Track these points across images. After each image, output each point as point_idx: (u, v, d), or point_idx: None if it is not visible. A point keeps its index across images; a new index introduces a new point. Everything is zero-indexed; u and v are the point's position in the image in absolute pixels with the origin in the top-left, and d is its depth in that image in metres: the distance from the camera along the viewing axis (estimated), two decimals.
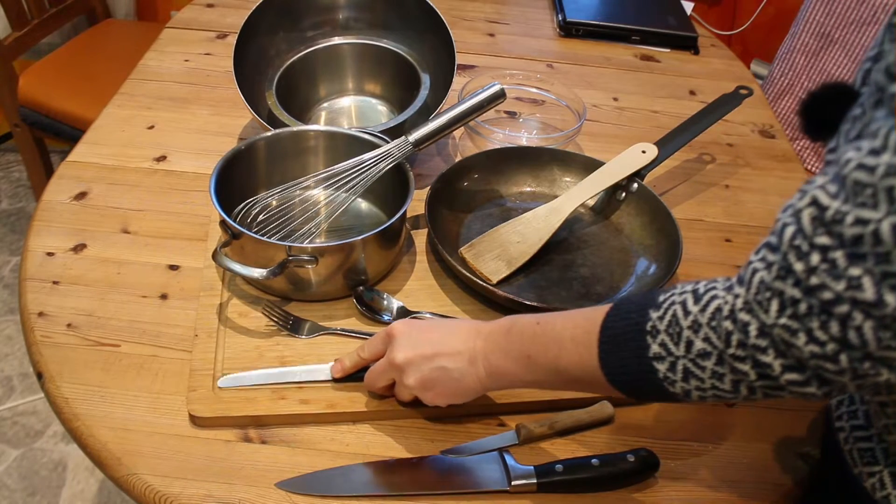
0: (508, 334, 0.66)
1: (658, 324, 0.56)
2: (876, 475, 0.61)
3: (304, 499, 0.68)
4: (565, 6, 1.53)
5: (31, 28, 1.84)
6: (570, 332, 0.62)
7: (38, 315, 0.82)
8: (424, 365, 0.68)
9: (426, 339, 0.69)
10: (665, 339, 0.55)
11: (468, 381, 0.67)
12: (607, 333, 0.59)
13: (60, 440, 1.66)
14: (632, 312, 0.58)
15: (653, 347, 0.56)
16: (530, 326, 0.65)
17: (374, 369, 0.73)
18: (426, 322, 0.72)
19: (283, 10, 1.08)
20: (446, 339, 0.69)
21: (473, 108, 0.92)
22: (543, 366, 0.63)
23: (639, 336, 0.57)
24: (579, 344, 0.60)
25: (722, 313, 0.52)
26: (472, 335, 0.68)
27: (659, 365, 0.56)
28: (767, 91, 1.71)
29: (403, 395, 0.72)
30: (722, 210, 1.09)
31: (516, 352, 0.65)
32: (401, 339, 0.70)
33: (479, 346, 0.67)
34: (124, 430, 0.72)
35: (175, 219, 0.96)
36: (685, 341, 0.54)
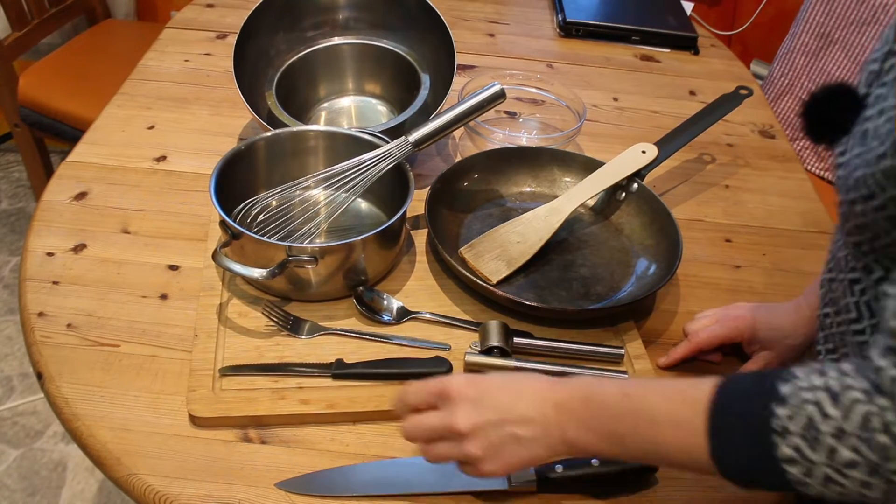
0: (588, 404, 0.59)
1: (788, 424, 0.50)
2: None
3: (304, 499, 0.68)
4: (565, 6, 1.53)
5: (31, 28, 1.84)
6: (667, 411, 0.56)
7: (38, 315, 0.82)
8: (492, 432, 0.61)
9: (492, 404, 0.61)
10: (800, 443, 0.50)
11: (539, 451, 0.61)
12: (719, 423, 0.53)
13: (60, 440, 1.66)
14: (748, 402, 0.52)
15: (783, 449, 0.50)
16: (616, 400, 0.58)
17: (424, 426, 0.64)
18: (487, 381, 0.63)
19: (283, 10, 1.08)
20: (514, 403, 0.61)
21: (473, 108, 0.92)
22: (638, 446, 0.58)
23: (763, 434, 0.51)
24: (681, 428, 0.55)
25: (872, 424, 0.48)
26: (543, 401, 0.61)
27: (791, 468, 0.50)
28: (767, 91, 1.71)
29: (466, 469, 0.63)
30: (722, 210, 1.09)
31: (602, 428, 0.59)
32: (462, 401, 0.62)
33: (552, 416, 0.60)
34: (124, 430, 0.72)
35: (175, 219, 0.96)
36: (827, 448, 0.49)
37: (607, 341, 0.85)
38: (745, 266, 1.00)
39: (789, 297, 0.84)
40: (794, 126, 1.68)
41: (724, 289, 0.96)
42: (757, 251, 1.03)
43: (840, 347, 0.62)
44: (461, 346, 0.82)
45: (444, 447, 0.63)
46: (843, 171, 0.51)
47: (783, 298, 0.85)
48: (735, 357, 0.86)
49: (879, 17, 1.49)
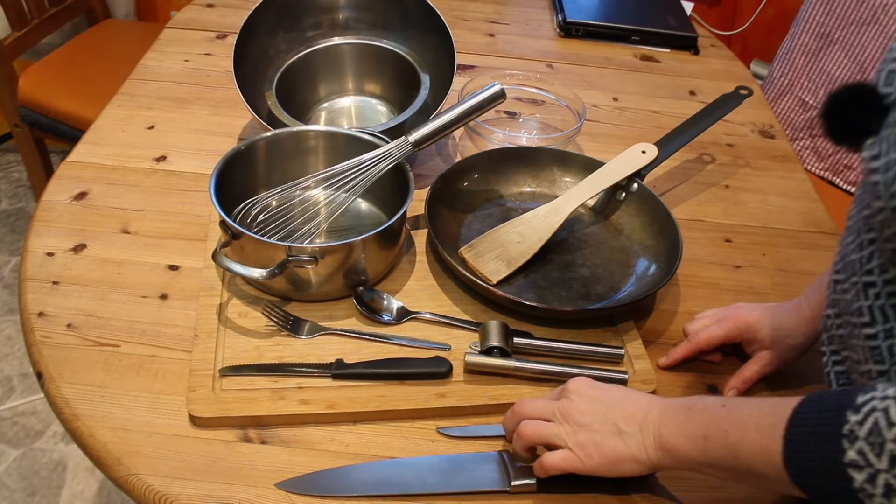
0: (689, 411, 0.63)
1: (857, 429, 0.50)
2: None
3: (304, 499, 0.68)
4: (565, 6, 1.53)
5: (31, 28, 1.84)
6: (757, 419, 0.57)
7: (38, 315, 0.82)
8: (597, 422, 0.65)
9: (603, 398, 0.67)
10: (864, 447, 0.50)
11: (633, 448, 0.64)
12: (796, 428, 0.54)
13: (60, 440, 1.66)
14: (826, 410, 0.53)
15: (849, 453, 0.50)
16: (714, 407, 0.61)
17: (539, 405, 0.69)
18: (604, 384, 0.69)
19: (283, 10, 1.08)
20: (623, 402, 0.66)
21: (473, 108, 0.92)
22: (720, 450, 0.59)
23: (833, 438, 0.51)
24: (764, 434, 0.56)
25: None
26: (650, 404, 0.65)
27: (855, 474, 0.50)
28: (767, 91, 1.71)
29: (553, 459, 0.66)
30: (722, 210, 1.09)
31: (693, 430, 0.61)
32: (576, 392, 0.67)
33: (654, 417, 0.64)
34: (124, 430, 0.72)
35: (175, 219, 0.96)
36: (889, 455, 0.49)
37: (607, 341, 0.85)
38: (745, 266, 1.00)
39: (789, 297, 0.84)
40: (795, 126, 1.68)
41: (724, 289, 0.96)
42: (757, 251, 1.03)
43: (843, 350, 0.62)
44: (461, 346, 0.82)
45: (547, 426, 0.67)
46: (882, 177, 0.50)
47: (783, 298, 0.85)
48: (735, 357, 0.86)
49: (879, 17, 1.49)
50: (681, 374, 0.84)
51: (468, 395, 0.77)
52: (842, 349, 0.62)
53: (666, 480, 0.73)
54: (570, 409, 0.67)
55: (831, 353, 0.64)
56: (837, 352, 0.63)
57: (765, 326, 0.81)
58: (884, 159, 0.49)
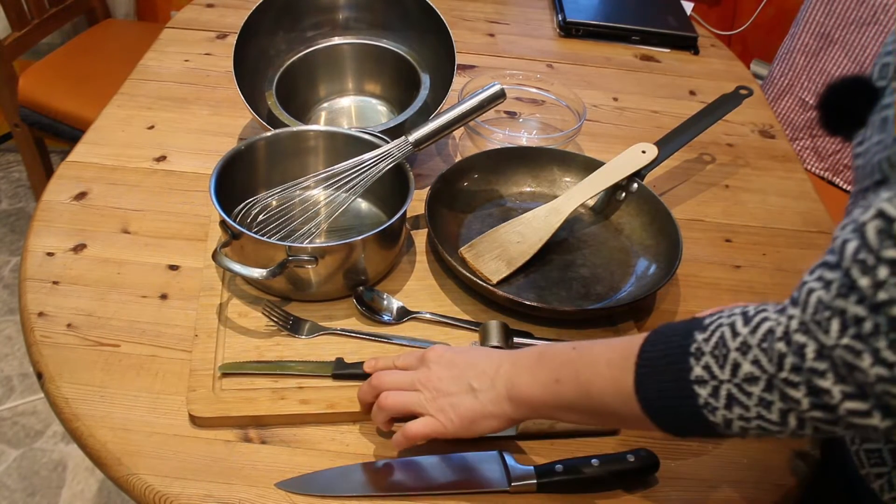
0: (540, 359, 0.63)
1: (703, 346, 0.52)
2: (884, 476, 0.61)
3: (304, 499, 0.68)
4: (565, 6, 1.53)
5: (31, 28, 1.84)
6: (607, 355, 0.58)
7: (38, 315, 0.82)
8: (451, 383, 0.66)
9: (460, 361, 0.67)
10: (709, 361, 0.51)
11: (487, 404, 0.64)
12: (646, 356, 0.55)
13: (60, 440, 1.66)
14: (675, 335, 0.54)
15: (695, 370, 0.52)
16: (564, 352, 0.62)
17: (396, 375, 0.69)
18: (464, 348, 0.70)
19: (283, 10, 1.08)
20: (477, 361, 0.67)
21: (473, 108, 0.92)
22: (572, 392, 0.60)
23: (681, 358, 0.52)
24: (614, 367, 0.57)
25: (774, 335, 0.49)
26: (502, 357, 0.66)
27: (700, 389, 0.51)
28: (767, 91, 1.71)
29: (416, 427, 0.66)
30: (722, 210, 1.09)
31: (544, 376, 0.61)
32: (435, 360, 0.68)
33: (505, 370, 0.64)
34: (124, 430, 0.72)
35: (175, 219, 0.96)
36: (731, 364, 0.50)
37: None
38: (745, 266, 1.00)
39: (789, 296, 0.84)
40: (795, 126, 1.68)
41: (724, 289, 0.96)
42: (757, 251, 1.03)
43: None
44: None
45: (408, 395, 0.67)
46: (862, 160, 0.51)
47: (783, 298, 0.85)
48: None
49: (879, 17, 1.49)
50: None
51: None
52: None
53: (666, 480, 0.73)
54: (430, 376, 0.67)
55: None
56: None
57: None
58: (866, 144, 0.50)
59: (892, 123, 0.47)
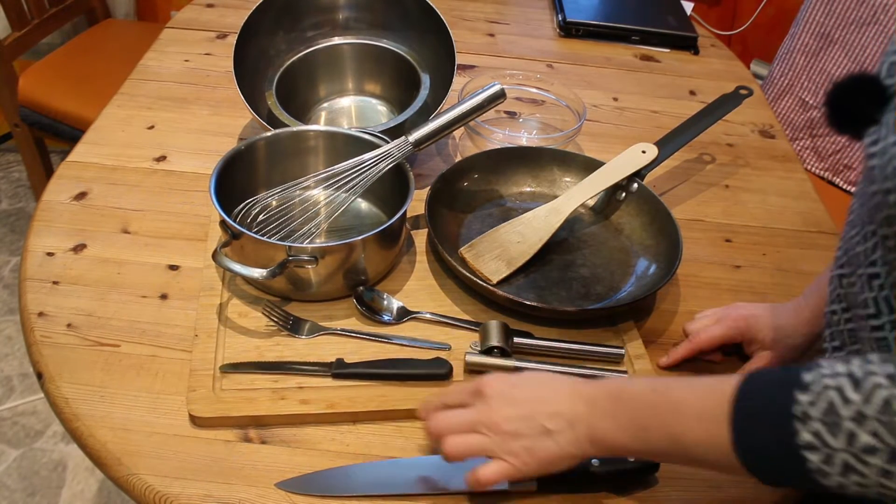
0: (618, 401, 0.61)
1: (809, 409, 0.49)
2: None
3: (304, 499, 0.68)
4: (565, 6, 1.53)
5: (31, 28, 1.84)
6: (693, 404, 0.56)
7: (38, 315, 0.82)
8: (523, 425, 0.62)
9: (524, 398, 0.64)
10: (819, 427, 0.49)
11: (566, 446, 0.62)
12: (742, 412, 0.53)
13: (60, 440, 1.66)
14: (771, 390, 0.52)
15: (803, 435, 0.49)
16: (644, 394, 0.60)
17: (455, 418, 0.65)
18: (520, 379, 0.66)
19: (283, 10, 1.08)
20: (546, 398, 0.63)
21: (473, 108, 0.92)
22: (663, 442, 0.58)
23: (784, 420, 0.50)
24: (706, 420, 0.54)
25: (892, 408, 0.47)
26: (573, 396, 0.63)
27: (811, 455, 0.49)
28: (767, 91, 1.71)
29: (489, 472, 0.63)
30: (722, 210, 1.09)
31: (627, 421, 0.59)
32: (496, 396, 0.64)
33: (582, 411, 0.62)
34: (124, 430, 0.72)
35: (175, 219, 0.96)
36: (846, 433, 0.48)
37: (607, 341, 0.85)
38: (745, 266, 1.00)
39: (789, 297, 0.84)
40: (795, 126, 1.68)
41: (724, 289, 0.96)
42: (757, 251, 1.03)
43: (848, 345, 0.62)
44: (461, 346, 0.82)
45: (474, 439, 0.64)
46: (879, 161, 0.50)
47: (783, 298, 0.85)
48: (735, 357, 0.86)
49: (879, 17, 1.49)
50: (681, 374, 0.84)
51: None
52: (848, 344, 0.62)
53: (666, 480, 0.73)
54: (493, 416, 0.63)
55: (833, 350, 0.64)
56: (840, 347, 0.63)
57: (765, 326, 0.82)
58: (882, 143, 0.50)
59: None
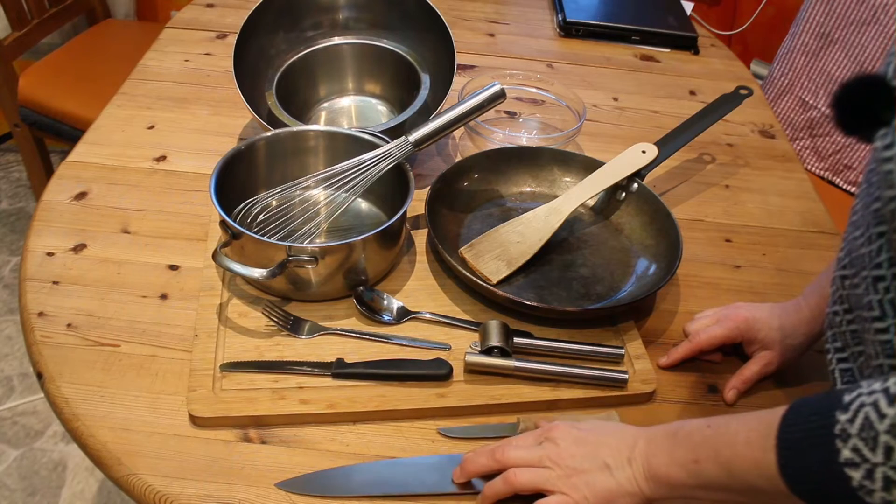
0: (675, 437, 0.62)
1: (848, 427, 0.50)
2: None
3: (304, 499, 0.68)
4: (565, 6, 1.53)
5: (31, 28, 1.84)
6: (745, 434, 0.57)
7: (38, 315, 0.82)
8: (584, 461, 0.65)
9: (589, 439, 0.66)
10: (858, 443, 0.50)
11: (624, 482, 0.63)
12: (788, 436, 0.54)
13: (60, 440, 1.66)
14: (815, 413, 0.53)
15: (844, 453, 0.50)
16: (700, 429, 0.61)
17: (524, 453, 0.67)
18: (588, 423, 0.69)
19: (283, 10, 1.08)
20: (609, 437, 0.66)
21: (473, 108, 0.92)
22: (713, 471, 0.59)
23: (825, 440, 0.51)
24: (755, 448, 0.56)
25: None
26: (635, 436, 0.65)
27: (852, 472, 0.50)
28: (767, 91, 1.71)
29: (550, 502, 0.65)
30: (722, 210, 1.09)
31: (682, 455, 0.61)
32: (563, 438, 0.66)
33: (641, 449, 0.64)
34: (124, 430, 0.72)
35: (175, 219, 0.96)
36: (883, 447, 0.49)
37: (607, 341, 0.85)
38: (745, 266, 1.00)
39: (789, 297, 0.84)
40: (795, 126, 1.68)
41: (724, 289, 0.96)
42: (757, 251, 1.03)
43: (850, 346, 0.61)
44: (461, 346, 0.82)
45: (539, 471, 0.66)
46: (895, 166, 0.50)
47: (783, 298, 0.85)
48: (735, 357, 0.86)
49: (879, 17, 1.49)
50: (681, 374, 0.84)
51: (468, 395, 0.77)
52: (850, 345, 0.62)
53: None
54: (560, 453, 0.66)
55: (835, 351, 0.64)
56: (842, 349, 0.63)
57: (765, 326, 0.82)
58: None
59: None
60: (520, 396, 0.78)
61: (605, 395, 0.79)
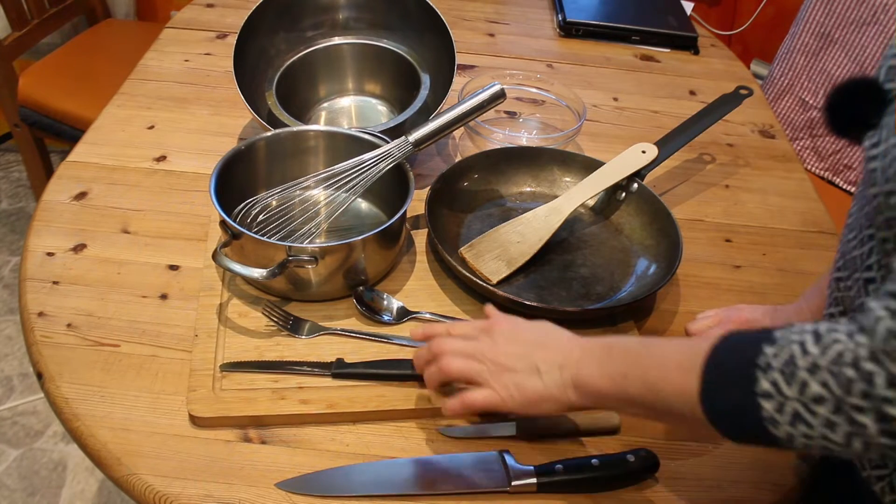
0: (610, 351, 0.64)
1: (772, 360, 0.52)
2: (885, 479, 0.61)
3: (304, 499, 0.68)
4: (565, 6, 1.53)
5: (31, 28, 1.84)
6: (676, 358, 0.58)
7: (38, 315, 0.82)
8: (518, 361, 0.67)
9: (526, 339, 0.68)
10: (777, 377, 0.51)
11: (552, 387, 0.65)
12: (714, 363, 0.55)
13: (60, 440, 1.66)
14: (743, 345, 0.54)
15: (762, 383, 0.52)
16: (635, 347, 0.63)
17: (459, 343, 0.70)
18: (529, 323, 0.71)
19: (283, 10, 1.08)
20: (547, 342, 0.67)
21: (473, 108, 0.92)
22: (639, 388, 0.60)
23: (748, 370, 0.52)
24: (682, 371, 0.57)
25: (844, 359, 0.49)
26: (572, 344, 0.66)
27: (766, 403, 0.51)
28: (767, 91, 1.71)
29: (477, 396, 0.67)
30: (722, 210, 1.09)
31: (612, 369, 0.62)
32: (501, 333, 0.69)
33: (575, 356, 0.65)
34: (124, 430, 0.72)
35: (175, 219, 0.96)
36: (799, 382, 0.50)
37: None
38: (745, 266, 1.00)
39: (789, 297, 0.84)
40: (795, 126, 1.68)
41: (724, 289, 0.96)
42: (757, 251, 1.03)
43: None
44: None
45: (470, 364, 0.68)
46: (880, 163, 0.50)
47: (783, 298, 0.85)
48: None
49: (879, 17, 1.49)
50: None
51: None
52: None
53: (666, 481, 0.73)
54: (495, 350, 0.68)
55: None
56: None
57: None
58: (883, 146, 0.50)
59: None
60: None
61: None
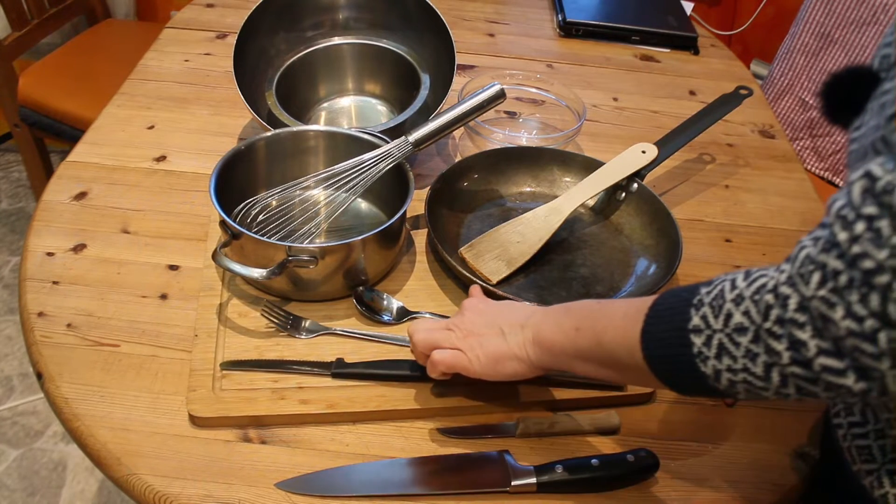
0: (567, 310, 0.67)
1: (704, 297, 0.55)
2: (873, 473, 0.61)
3: (304, 499, 0.68)
4: (565, 6, 1.53)
5: (31, 28, 1.84)
6: (624, 309, 0.61)
7: (38, 315, 0.82)
8: (483, 326, 0.71)
9: (493, 310, 0.73)
10: (707, 311, 0.54)
11: (514, 347, 0.68)
12: (655, 309, 0.58)
13: (60, 440, 1.66)
14: (684, 291, 0.57)
15: (693, 320, 0.54)
16: (591, 304, 0.67)
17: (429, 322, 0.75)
18: (499, 301, 0.76)
19: (283, 10, 1.08)
20: (512, 311, 0.72)
21: (473, 108, 0.92)
22: (588, 340, 0.63)
23: (683, 309, 0.55)
24: (628, 320, 0.60)
25: (766, 287, 0.51)
26: (534, 309, 0.71)
27: (695, 338, 0.54)
28: (767, 91, 1.71)
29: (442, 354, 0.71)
30: (722, 210, 1.09)
31: (567, 324, 0.65)
32: (471, 308, 0.74)
33: (536, 319, 0.69)
34: (124, 430, 0.72)
35: (175, 219, 0.96)
36: (725, 314, 0.52)
37: None
38: (745, 266, 0.99)
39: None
40: (795, 126, 1.68)
41: None
42: (757, 251, 1.03)
43: None
44: None
45: (441, 332, 0.72)
46: (857, 145, 0.52)
47: None
48: None
49: (879, 17, 1.49)
50: None
51: (468, 395, 0.77)
52: None
53: (665, 480, 0.73)
54: (463, 320, 0.72)
55: None
56: None
57: None
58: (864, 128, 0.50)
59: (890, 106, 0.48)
60: (519, 396, 0.78)
61: (604, 395, 0.79)
